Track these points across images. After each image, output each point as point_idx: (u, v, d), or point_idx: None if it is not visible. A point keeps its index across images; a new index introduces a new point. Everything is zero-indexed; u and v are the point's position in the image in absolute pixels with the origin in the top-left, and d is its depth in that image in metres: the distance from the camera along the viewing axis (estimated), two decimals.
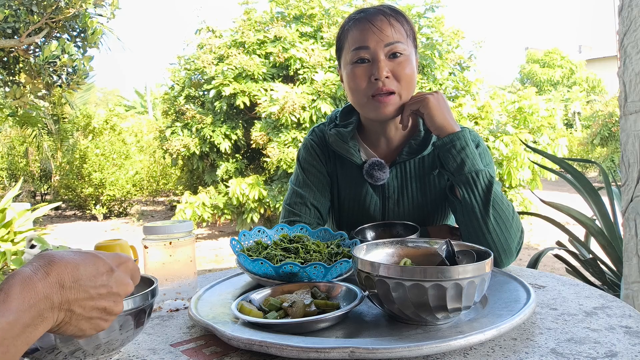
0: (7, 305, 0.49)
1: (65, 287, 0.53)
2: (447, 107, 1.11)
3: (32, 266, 0.53)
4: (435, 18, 6.54)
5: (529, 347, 0.66)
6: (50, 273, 0.53)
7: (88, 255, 0.58)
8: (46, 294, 0.52)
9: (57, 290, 0.53)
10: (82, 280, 0.55)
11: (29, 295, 0.50)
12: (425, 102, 1.09)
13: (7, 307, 0.49)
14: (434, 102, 1.09)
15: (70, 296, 0.54)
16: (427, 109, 1.09)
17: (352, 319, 0.80)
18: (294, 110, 5.73)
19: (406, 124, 1.13)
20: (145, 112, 19.58)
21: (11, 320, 0.48)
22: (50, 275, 0.53)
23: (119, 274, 0.60)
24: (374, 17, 1.12)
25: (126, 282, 0.60)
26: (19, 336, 0.49)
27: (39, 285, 0.52)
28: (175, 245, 0.93)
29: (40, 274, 0.52)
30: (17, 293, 0.50)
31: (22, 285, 0.51)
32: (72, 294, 0.54)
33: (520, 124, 6.15)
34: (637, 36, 1.58)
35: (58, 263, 0.54)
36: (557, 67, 20.51)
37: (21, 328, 0.49)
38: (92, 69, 5.50)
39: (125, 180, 9.74)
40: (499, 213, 1.05)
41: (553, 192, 9.21)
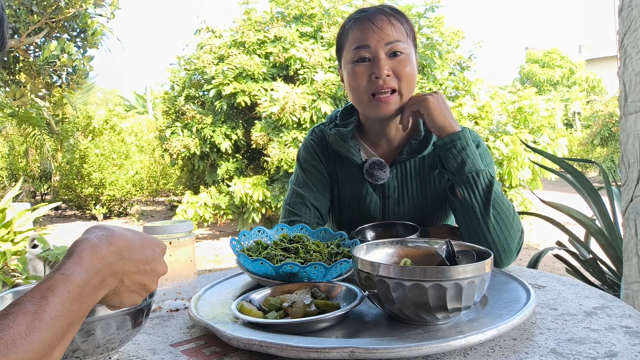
0: (81, 265, 0.53)
1: (123, 258, 0.58)
2: (447, 107, 1.11)
3: (96, 235, 0.57)
4: (435, 18, 6.54)
5: (529, 347, 0.66)
6: (112, 243, 0.57)
7: (138, 233, 0.62)
8: (110, 261, 0.56)
9: (117, 260, 0.57)
10: (135, 255, 0.59)
11: (97, 260, 0.54)
12: (425, 102, 1.09)
13: (81, 267, 0.53)
14: (434, 103, 1.09)
15: (125, 267, 0.58)
16: (427, 110, 1.09)
17: (352, 319, 0.80)
18: (294, 110, 5.73)
19: (406, 125, 1.13)
20: (145, 112, 19.58)
21: (85, 279, 0.52)
22: (112, 245, 0.57)
23: (158, 254, 0.64)
24: (374, 16, 1.13)
25: (164, 264, 0.65)
26: (89, 295, 0.53)
27: (105, 252, 0.56)
28: (175, 245, 0.93)
29: (105, 243, 0.56)
30: (87, 256, 0.54)
31: (92, 250, 0.55)
32: (126, 266, 0.58)
33: (520, 124, 6.15)
34: (637, 36, 1.58)
35: (117, 235, 0.58)
36: (557, 67, 20.50)
37: (92, 289, 0.53)
38: (92, 69, 5.51)
39: (125, 180, 9.74)
40: (499, 213, 1.05)
41: (553, 192, 9.21)
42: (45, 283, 0.50)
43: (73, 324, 0.51)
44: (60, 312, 0.49)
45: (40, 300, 0.48)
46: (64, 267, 0.52)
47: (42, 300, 0.48)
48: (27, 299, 0.48)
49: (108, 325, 0.65)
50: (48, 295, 0.49)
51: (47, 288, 0.50)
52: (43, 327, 0.47)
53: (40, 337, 0.47)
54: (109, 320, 0.64)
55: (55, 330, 0.48)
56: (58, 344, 0.49)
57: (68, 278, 0.51)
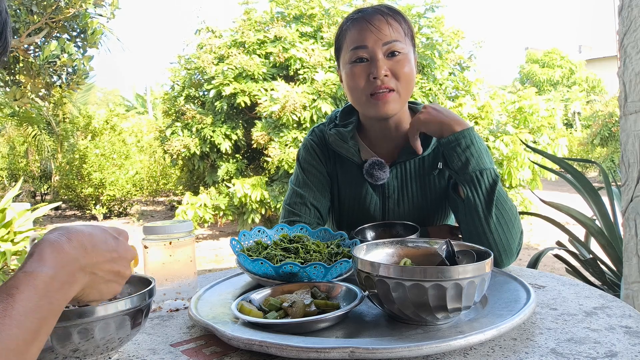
0: (43, 262, 0.53)
1: (87, 251, 0.58)
2: (443, 111, 1.11)
3: (54, 234, 0.57)
4: (435, 18, 6.54)
5: (529, 347, 0.66)
6: (72, 239, 0.57)
7: (95, 226, 0.63)
8: (74, 256, 0.56)
9: (81, 253, 0.57)
10: (98, 245, 0.60)
11: (60, 256, 0.55)
12: (421, 122, 1.10)
13: (44, 264, 0.53)
14: (425, 117, 1.10)
15: (92, 259, 0.58)
16: (423, 126, 1.10)
17: (352, 319, 0.80)
18: (294, 109, 5.73)
19: (419, 147, 1.14)
20: (146, 112, 19.59)
21: (50, 274, 0.52)
22: (73, 240, 0.57)
23: (122, 241, 0.65)
24: (372, 16, 1.13)
25: (129, 248, 0.66)
26: (58, 291, 0.53)
27: (67, 248, 0.56)
28: (175, 245, 0.93)
29: (64, 239, 0.56)
30: (49, 254, 0.54)
31: (52, 247, 0.55)
32: (93, 257, 0.59)
33: (520, 124, 6.15)
34: (637, 36, 1.58)
35: (76, 231, 0.58)
36: (557, 67, 20.50)
37: (59, 284, 0.53)
38: (92, 69, 5.50)
39: (125, 180, 9.74)
40: (501, 213, 1.04)
41: (553, 192, 9.21)
42: (10, 282, 0.50)
43: (45, 320, 0.51)
44: (29, 308, 0.49)
45: (6, 298, 0.48)
46: (26, 266, 0.52)
47: (8, 298, 0.48)
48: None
49: (107, 325, 0.65)
50: (14, 292, 0.49)
51: (11, 286, 0.50)
52: (13, 324, 0.47)
53: (12, 334, 0.47)
54: (108, 320, 0.64)
55: (26, 326, 0.48)
56: (32, 340, 0.49)
57: (31, 275, 0.51)
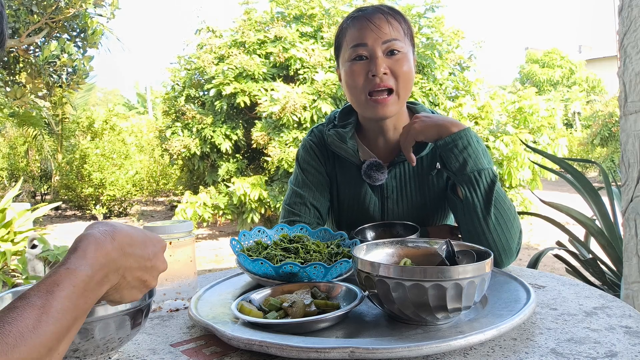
0: (86, 260, 0.53)
1: (125, 254, 0.58)
2: (435, 117, 1.09)
3: (99, 230, 0.57)
4: (435, 18, 6.54)
5: (529, 347, 0.66)
6: (116, 238, 0.57)
7: (140, 230, 0.63)
8: (113, 257, 0.56)
9: (120, 255, 0.57)
10: (137, 251, 0.60)
11: (101, 255, 0.55)
12: (417, 132, 1.08)
13: (86, 262, 0.53)
14: (420, 125, 1.08)
15: (127, 263, 0.59)
16: (420, 135, 1.08)
17: (352, 319, 0.80)
18: (294, 109, 5.73)
19: (413, 159, 1.12)
20: (146, 112, 19.59)
21: (90, 274, 0.53)
22: (115, 240, 0.57)
23: (159, 252, 0.65)
24: (372, 15, 1.13)
25: (164, 261, 0.66)
26: (93, 290, 0.54)
27: (109, 247, 0.56)
28: (175, 245, 0.93)
29: (108, 238, 0.57)
30: (92, 251, 0.54)
31: (96, 245, 0.55)
32: (128, 262, 0.59)
33: (520, 124, 6.15)
34: (637, 36, 1.58)
35: (120, 231, 0.59)
36: (557, 67, 20.50)
37: (95, 284, 0.54)
38: (92, 69, 5.50)
39: (125, 180, 9.74)
40: (500, 213, 1.04)
41: (553, 192, 9.21)
42: (51, 277, 0.51)
43: (78, 318, 0.52)
44: (67, 306, 0.50)
45: (46, 295, 0.49)
46: (69, 262, 0.53)
47: (48, 295, 0.49)
48: (34, 293, 0.49)
49: (107, 325, 0.65)
50: (54, 289, 0.50)
51: (52, 282, 0.50)
52: (50, 321, 0.48)
53: (48, 330, 0.47)
54: (107, 321, 0.64)
55: (61, 324, 0.49)
56: (64, 337, 0.50)
57: (73, 272, 0.52)
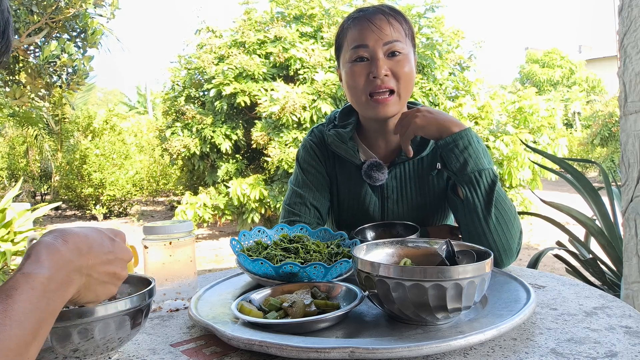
0: (40, 264, 0.53)
1: (82, 253, 0.58)
2: (438, 114, 1.09)
3: (50, 236, 0.57)
4: (435, 18, 6.54)
5: (529, 347, 0.66)
6: (68, 240, 0.58)
7: (91, 228, 0.63)
8: (69, 258, 0.56)
9: (77, 255, 0.58)
10: (94, 247, 0.60)
11: (56, 258, 0.55)
12: (418, 126, 1.08)
13: (40, 265, 0.53)
14: (422, 121, 1.08)
15: (88, 261, 0.59)
16: (420, 130, 1.08)
17: (352, 319, 0.80)
18: (294, 109, 5.73)
19: (410, 151, 1.12)
20: (145, 112, 19.59)
21: (47, 275, 0.53)
22: (69, 242, 0.57)
23: (119, 242, 0.65)
24: (373, 16, 1.13)
25: (126, 249, 0.66)
26: (55, 292, 0.54)
27: (63, 250, 0.56)
28: (175, 245, 0.93)
29: (60, 241, 0.57)
30: (45, 255, 0.54)
31: (48, 249, 0.55)
32: (89, 259, 0.59)
33: (520, 124, 6.15)
34: (637, 36, 1.58)
35: (71, 233, 0.59)
36: (557, 67, 20.50)
37: (56, 285, 0.54)
38: (92, 69, 5.50)
39: (125, 180, 9.74)
40: (501, 213, 1.04)
41: (553, 192, 9.21)
42: (8, 283, 0.51)
43: (43, 321, 0.51)
44: (28, 309, 0.49)
45: (5, 299, 0.49)
46: (24, 268, 0.53)
47: (7, 299, 0.49)
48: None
49: (107, 325, 0.65)
50: (12, 294, 0.49)
51: (10, 287, 0.50)
52: (13, 325, 0.47)
53: (12, 335, 0.47)
54: (107, 321, 0.64)
55: (25, 327, 0.48)
56: (32, 341, 0.49)
57: (29, 276, 0.52)
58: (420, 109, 1.11)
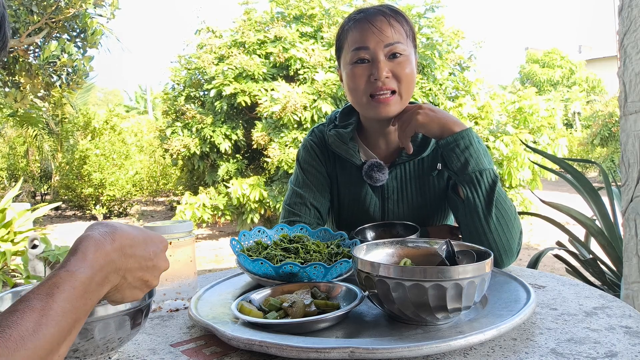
0: (86, 262, 0.54)
1: (125, 254, 0.58)
2: (439, 113, 1.10)
3: (99, 231, 0.57)
4: (435, 18, 6.54)
5: (529, 347, 0.66)
6: (116, 239, 0.58)
7: (141, 230, 0.63)
8: (113, 258, 0.57)
9: (119, 257, 0.58)
10: (137, 252, 0.60)
11: (101, 257, 0.55)
12: (419, 124, 1.08)
13: (85, 264, 0.54)
14: (424, 119, 1.08)
15: (127, 264, 0.59)
16: (422, 128, 1.09)
17: (352, 319, 0.80)
18: (295, 109, 5.73)
19: (410, 149, 1.13)
20: (145, 112, 19.58)
21: (90, 275, 0.53)
22: (116, 241, 0.58)
23: (161, 251, 0.65)
24: (374, 17, 1.12)
25: (166, 260, 0.66)
26: (93, 292, 0.54)
27: (109, 249, 0.56)
28: (175, 245, 0.93)
29: (108, 240, 0.57)
30: (92, 253, 0.55)
31: (95, 247, 0.55)
32: (129, 262, 0.59)
33: (520, 124, 6.15)
34: (637, 36, 1.58)
35: (120, 232, 0.59)
36: (557, 67, 20.49)
37: (95, 285, 0.54)
38: (92, 69, 5.50)
39: (125, 180, 9.74)
40: (501, 213, 1.04)
41: (553, 192, 9.21)
42: (51, 280, 0.51)
43: (78, 320, 0.52)
44: (66, 308, 0.50)
45: (46, 298, 0.49)
46: (69, 265, 0.53)
47: (48, 298, 0.49)
48: (34, 296, 0.49)
49: (107, 325, 0.65)
50: (54, 292, 0.50)
51: (52, 285, 0.51)
52: (50, 324, 0.48)
53: (48, 333, 0.47)
54: (107, 321, 0.65)
55: (61, 326, 0.49)
56: (64, 340, 0.50)
57: (73, 275, 0.52)
58: (422, 106, 1.11)
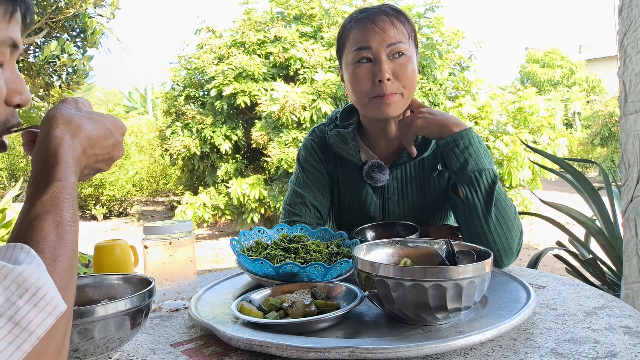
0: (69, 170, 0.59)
1: (87, 155, 0.64)
2: (439, 114, 1.10)
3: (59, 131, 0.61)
4: (435, 18, 6.54)
5: (529, 347, 0.66)
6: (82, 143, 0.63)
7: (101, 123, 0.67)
8: (81, 155, 0.62)
9: (82, 153, 0.63)
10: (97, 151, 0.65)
11: (77, 160, 0.61)
12: (419, 127, 1.09)
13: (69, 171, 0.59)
14: (423, 122, 1.09)
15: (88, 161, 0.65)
16: (422, 131, 1.10)
17: (352, 319, 0.80)
18: (294, 109, 5.73)
19: (414, 151, 1.14)
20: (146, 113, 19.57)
21: (75, 180, 0.60)
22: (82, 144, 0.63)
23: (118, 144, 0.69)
24: (376, 17, 1.12)
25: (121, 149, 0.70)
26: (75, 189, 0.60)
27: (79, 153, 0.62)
28: (175, 245, 0.93)
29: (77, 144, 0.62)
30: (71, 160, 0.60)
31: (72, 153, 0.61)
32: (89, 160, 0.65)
33: (520, 124, 6.15)
34: (637, 36, 1.58)
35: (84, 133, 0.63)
36: (557, 67, 20.49)
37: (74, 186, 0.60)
38: (91, 69, 5.49)
39: (125, 180, 9.74)
40: (501, 213, 1.04)
41: (553, 192, 9.21)
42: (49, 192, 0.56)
43: (76, 219, 0.58)
44: (71, 214, 0.57)
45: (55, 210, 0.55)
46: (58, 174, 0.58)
47: (56, 209, 0.55)
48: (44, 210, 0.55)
49: (107, 325, 0.65)
50: (59, 203, 0.56)
51: (53, 197, 0.56)
52: (68, 231, 0.55)
53: (68, 239, 0.54)
54: (107, 321, 0.65)
55: (74, 230, 0.56)
56: (78, 239, 0.57)
57: (65, 184, 0.58)
58: (421, 110, 1.11)
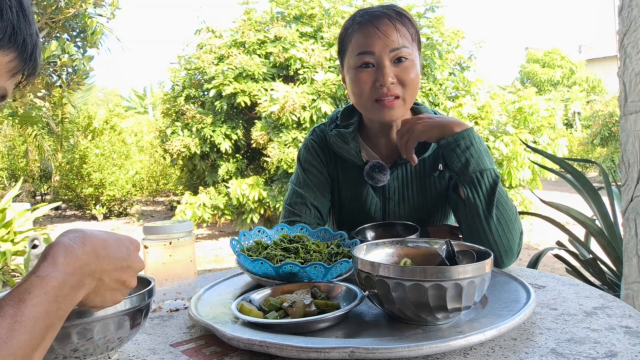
0: (56, 267, 0.54)
1: (99, 257, 0.59)
2: (437, 117, 1.09)
3: (69, 237, 0.57)
4: (435, 18, 6.54)
5: (529, 347, 0.66)
6: (86, 243, 0.58)
7: (111, 233, 0.64)
8: (85, 261, 0.57)
9: (93, 259, 0.58)
10: (111, 253, 0.60)
11: (72, 261, 0.55)
12: (420, 132, 1.07)
13: (56, 269, 0.53)
14: (423, 127, 1.07)
15: (102, 266, 0.59)
16: (423, 135, 1.07)
17: (352, 319, 0.80)
18: (294, 109, 5.73)
19: (415, 161, 1.11)
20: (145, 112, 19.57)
21: (61, 280, 0.53)
22: (86, 245, 0.58)
23: (133, 251, 0.65)
24: (379, 20, 1.10)
25: (140, 259, 0.66)
26: (67, 296, 0.54)
27: (80, 252, 0.56)
28: (175, 245, 0.93)
29: (78, 244, 0.57)
30: (62, 257, 0.55)
31: (66, 251, 0.55)
32: (103, 264, 0.59)
33: (520, 124, 6.15)
34: (637, 36, 1.58)
35: (91, 236, 0.59)
36: (557, 67, 20.49)
37: (68, 289, 0.54)
38: (92, 69, 5.49)
39: (125, 180, 9.74)
40: (502, 213, 1.04)
41: (553, 192, 9.21)
42: (22, 286, 0.51)
43: (52, 326, 0.52)
44: (39, 314, 0.50)
45: (18, 303, 0.49)
46: (39, 270, 0.53)
47: (19, 303, 0.49)
48: (5, 303, 0.49)
49: (106, 325, 0.65)
50: (25, 297, 0.50)
51: (24, 291, 0.50)
52: (23, 330, 0.48)
53: (21, 339, 0.47)
54: (107, 321, 0.64)
55: (34, 332, 0.49)
56: (38, 345, 0.50)
57: (44, 280, 0.52)
58: (420, 116, 1.10)
